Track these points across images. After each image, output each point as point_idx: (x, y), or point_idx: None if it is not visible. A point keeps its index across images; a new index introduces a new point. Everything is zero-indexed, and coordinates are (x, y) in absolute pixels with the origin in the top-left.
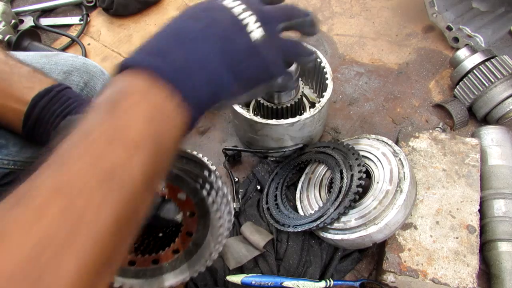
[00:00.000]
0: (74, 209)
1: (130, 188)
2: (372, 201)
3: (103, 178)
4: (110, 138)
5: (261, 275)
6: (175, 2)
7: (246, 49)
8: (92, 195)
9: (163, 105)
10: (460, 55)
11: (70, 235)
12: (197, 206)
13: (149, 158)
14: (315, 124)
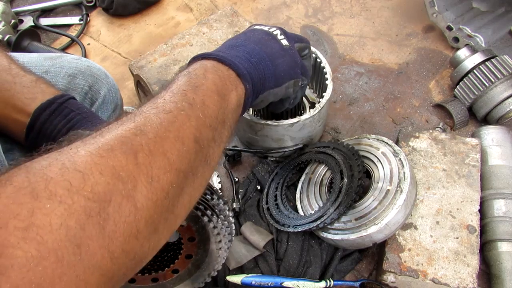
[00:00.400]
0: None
1: (208, 119)
2: (372, 201)
3: (190, 103)
4: (190, 88)
5: (261, 275)
6: (175, 2)
7: (279, 49)
8: (183, 111)
9: (223, 75)
10: (460, 55)
11: (167, 126)
12: (198, 232)
13: (216, 103)
14: (315, 124)
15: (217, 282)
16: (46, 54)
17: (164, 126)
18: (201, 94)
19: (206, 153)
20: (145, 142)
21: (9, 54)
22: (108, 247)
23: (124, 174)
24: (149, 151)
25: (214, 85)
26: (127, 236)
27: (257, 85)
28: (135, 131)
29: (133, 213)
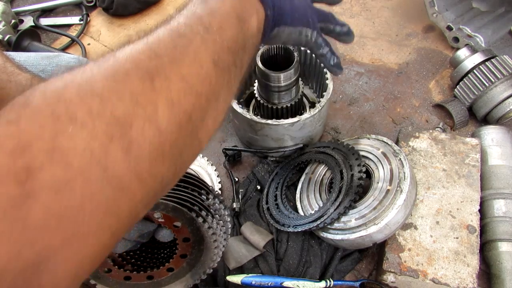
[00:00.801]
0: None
1: (226, 42)
2: (372, 201)
3: (206, 27)
4: (206, 11)
5: (261, 275)
6: (175, 2)
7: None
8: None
9: (243, 0)
10: (460, 55)
11: (183, 50)
12: (192, 233)
13: (234, 28)
14: (315, 124)
15: (217, 282)
16: (43, 53)
17: (179, 49)
18: (218, 17)
19: (228, 77)
20: (161, 66)
21: (4, 53)
22: (135, 170)
23: (142, 99)
24: (166, 75)
25: (232, 8)
26: (153, 159)
27: (276, 15)
28: (149, 54)
29: (157, 136)
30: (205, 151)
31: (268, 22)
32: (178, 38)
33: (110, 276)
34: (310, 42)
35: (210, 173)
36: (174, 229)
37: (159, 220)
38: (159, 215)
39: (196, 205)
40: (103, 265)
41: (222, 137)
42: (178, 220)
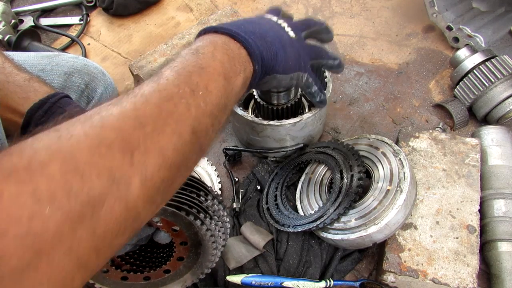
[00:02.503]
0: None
1: (209, 106)
2: (372, 201)
3: (192, 90)
4: (196, 69)
5: (261, 275)
6: (175, 2)
7: (288, 39)
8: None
9: (233, 55)
10: (460, 55)
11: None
12: (190, 237)
13: (221, 87)
14: (316, 123)
15: (217, 282)
16: (43, 53)
17: (163, 117)
18: (206, 77)
19: (202, 142)
20: (143, 138)
21: (3, 52)
22: (96, 247)
23: (119, 175)
24: (145, 149)
25: (221, 67)
26: (115, 234)
27: (267, 66)
28: (134, 123)
29: (124, 213)
30: None
31: (256, 76)
32: (165, 103)
33: (107, 276)
34: (300, 83)
35: (210, 173)
36: (172, 232)
37: (158, 224)
38: (158, 219)
39: (195, 207)
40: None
41: (222, 137)
42: (176, 225)
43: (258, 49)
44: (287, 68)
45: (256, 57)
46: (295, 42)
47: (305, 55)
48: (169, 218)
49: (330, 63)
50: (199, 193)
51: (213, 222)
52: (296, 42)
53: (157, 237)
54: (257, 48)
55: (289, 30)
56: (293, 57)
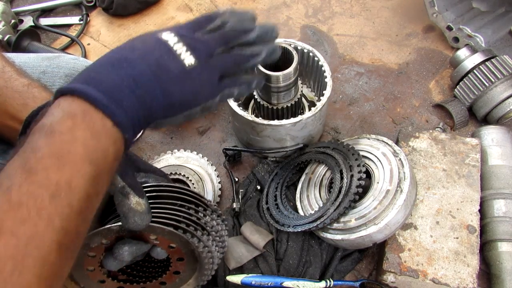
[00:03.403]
0: (26, 227)
1: (76, 206)
2: (372, 201)
3: (52, 195)
4: (53, 162)
5: (261, 275)
6: (175, 2)
7: (179, 73)
8: (44, 211)
9: (96, 129)
10: (460, 55)
11: (24, 251)
12: (187, 254)
13: (87, 177)
14: (316, 123)
15: (217, 282)
16: (44, 54)
17: (22, 249)
18: (67, 171)
19: (74, 246)
20: (3, 283)
21: (4, 55)
22: None
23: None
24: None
25: (84, 150)
26: None
27: (140, 124)
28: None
29: None
30: (205, 151)
31: (129, 143)
32: (21, 227)
33: (103, 286)
34: (212, 108)
35: (210, 173)
36: (169, 249)
37: (155, 241)
38: (155, 237)
39: (192, 225)
40: (96, 275)
41: (222, 137)
42: (174, 243)
43: (126, 113)
44: (171, 111)
45: (125, 125)
46: (193, 71)
47: (211, 78)
48: (166, 237)
49: (249, 65)
50: (197, 208)
51: (210, 238)
52: (195, 70)
53: (154, 253)
54: (124, 114)
55: (187, 56)
56: (184, 95)
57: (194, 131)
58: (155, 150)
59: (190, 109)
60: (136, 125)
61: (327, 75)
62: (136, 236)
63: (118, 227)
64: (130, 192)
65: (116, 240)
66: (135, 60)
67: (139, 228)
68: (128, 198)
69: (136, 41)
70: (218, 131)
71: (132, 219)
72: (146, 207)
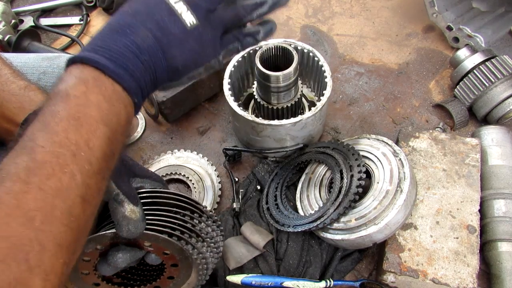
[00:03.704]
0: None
1: (95, 164)
2: (372, 201)
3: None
4: (71, 124)
5: (261, 275)
6: None
7: (180, 33)
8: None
9: (108, 93)
10: (460, 55)
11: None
12: (181, 261)
13: (103, 137)
14: (316, 123)
15: (217, 282)
16: (44, 54)
17: (50, 201)
18: (84, 131)
19: (96, 201)
20: (34, 235)
21: (4, 55)
22: None
23: (20, 285)
24: (40, 245)
25: (99, 113)
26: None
27: (147, 89)
28: (21, 221)
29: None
30: (205, 151)
31: (138, 107)
32: (47, 182)
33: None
34: (216, 67)
35: (210, 173)
36: (163, 256)
37: (149, 248)
38: (149, 244)
39: (186, 232)
40: (91, 278)
41: (222, 137)
42: (168, 249)
43: (134, 78)
44: (174, 75)
45: (134, 89)
46: (194, 31)
47: (214, 35)
48: (160, 244)
49: (254, 16)
50: (193, 215)
51: (205, 244)
52: (195, 30)
53: (148, 259)
54: (132, 79)
55: (188, 16)
56: (185, 56)
57: (194, 131)
58: (155, 150)
59: (193, 70)
60: (144, 89)
61: (327, 75)
62: (131, 243)
63: (112, 234)
64: (125, 200)
65: (111, 246)
66: (138, 25)
67: (133, 236)
68: (123, 205)
69: (139, 3)
70: (218, 131)
71: (126, 227)
72: (140, 215)
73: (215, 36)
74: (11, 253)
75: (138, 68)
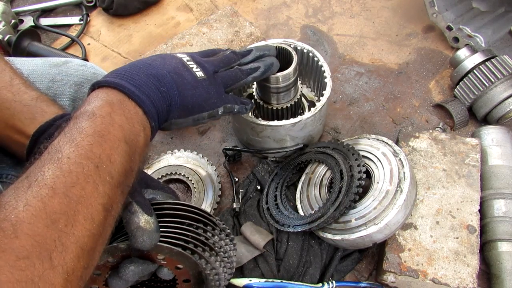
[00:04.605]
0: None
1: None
2: (372, 201)
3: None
4: (95, 139)
5: (264, 282)
6: (175, 2)
7: (192, 81)
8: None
9: (131, 115)
10: (460, 55)
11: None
12: (194, 276)
13: (124, 154)
14: (316, 123)
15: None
16: (51, 60)
17: (73, 207)
18: (107, 147)
19: (115, 212)
20: (58, 236)
21: (11, 61)
22: None
23: (42, 284)
24: (63, 246)
25: (121, 132)
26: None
27: (162, 117)
28: (46, 222)
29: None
30: (205, 151)
31: (154, 132)
32: (72, 189)
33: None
34: (216, 116)
35: (210, 173)
36: (176, 270)
37: (162, 262)
38: (162, 257)
39: (200, 246)
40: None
41: (222, 137)
42: (181, 263)
43: (154, 105)
44: (184, 113)
45: (152, 114)
46: (203, 82)
47: (217, 90)
48: (174, 258)
49: (250, 79)
50: (206, 228)
51: (218, 258)
52: (204, 81)
53: (161, 273)
54: (152, 105)
55: (197, 71)
56: (196, 99)
57: (194, 131)
58: (155, 150)
59: (199, 113)
60: (160, 117)
61: (327, 75)
62: (143, 256)
63: (126, 245)
64: (139, 210)
65: (122, 258)
66: (157, 66)
67: (147, 247)
68: (137, 216)
69: (156, 56)
70: (218, 131)
71: (141, 238)
72: (154, 225)
73: (219, 91)
74: (36, 251)
75: (157, 97)
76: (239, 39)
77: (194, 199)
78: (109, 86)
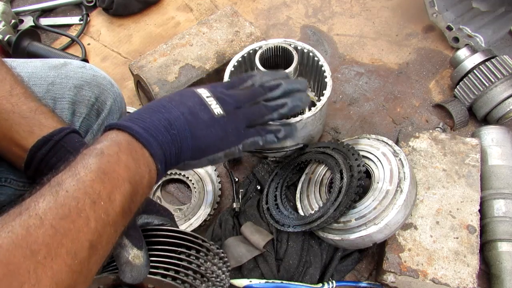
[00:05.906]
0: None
1: (112, 216)
2: (372, 201)
3: (93, 201)
4: (98, 176)
5: (264, 282)
6: (175, 2)
7: (208, 120)
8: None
9: (137, 156)
10: (460, 55)
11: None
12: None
13: (125, 194)
14: (316, 123)
15: None
16: (50, 62)
17: (58, 239)
18: (110, 185)
19: (103, 251)
20: (33, 267)
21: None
22: None
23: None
24: (37, 279)
25: (127, 172)
26: None
27: (171, 160)
28: (24, 252)
29: None
30: None
31: (160, 175)
32: (61, 221)
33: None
34: (235, 155)
35: (210, 173)
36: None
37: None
38: (152, 287)
39: (191, 275)
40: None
41: None
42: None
43: (161, 147)
44: (198, 154)
45: (159, 157)
46: (221, 120)
47: (237, 126)
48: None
49: (275, 116)
50: (198, 254)
51: (210, 284)
52: (221, 119)
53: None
54: (159, 147)
55: (216, 107)
56: (210, 139)
57: None
58: None
59: (214, 153)
60: (168, 160)
61: (327, 75)
62: (133, 285)
63: (115, 276)
64: (128, 244)
65: (114, 287)
66: (172, 107)
67: (136, 282)
68: (126, 250)
69: (175, 94)
70: None
71: (129, 273)
72: (144, 259)
73: (239, 127)
74: (6, 280)
75: (166, 140)
76: (239, 39)
77: (194, 199)
78: (119, 128)
